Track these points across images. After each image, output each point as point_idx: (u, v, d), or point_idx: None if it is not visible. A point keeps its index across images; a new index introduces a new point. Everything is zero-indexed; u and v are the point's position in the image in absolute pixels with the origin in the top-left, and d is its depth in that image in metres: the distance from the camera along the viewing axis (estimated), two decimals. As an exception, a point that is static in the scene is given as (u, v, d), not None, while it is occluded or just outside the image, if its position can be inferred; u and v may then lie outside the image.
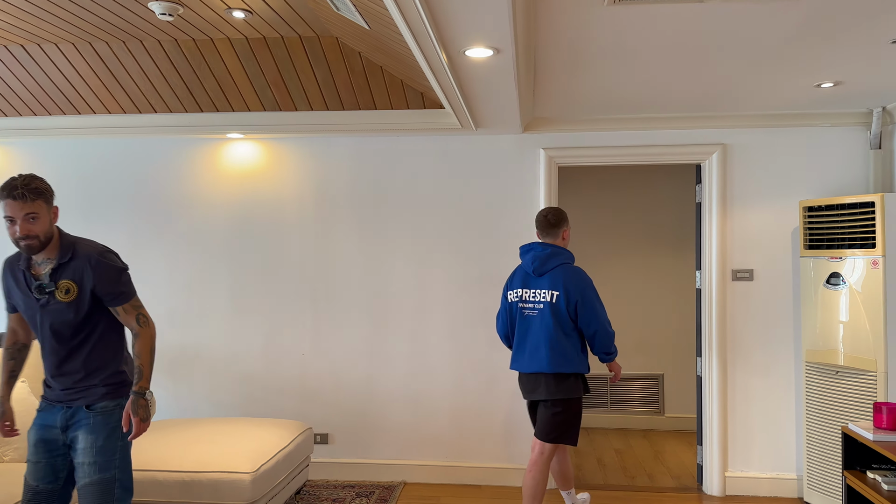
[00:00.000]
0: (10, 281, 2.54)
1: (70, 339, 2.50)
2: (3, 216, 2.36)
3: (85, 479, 2.47)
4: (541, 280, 3.49)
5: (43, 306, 2.46)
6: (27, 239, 2.37)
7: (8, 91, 4.30)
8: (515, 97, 3.44)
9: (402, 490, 4.40)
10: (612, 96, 3.91)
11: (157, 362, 4.75)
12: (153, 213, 4.73)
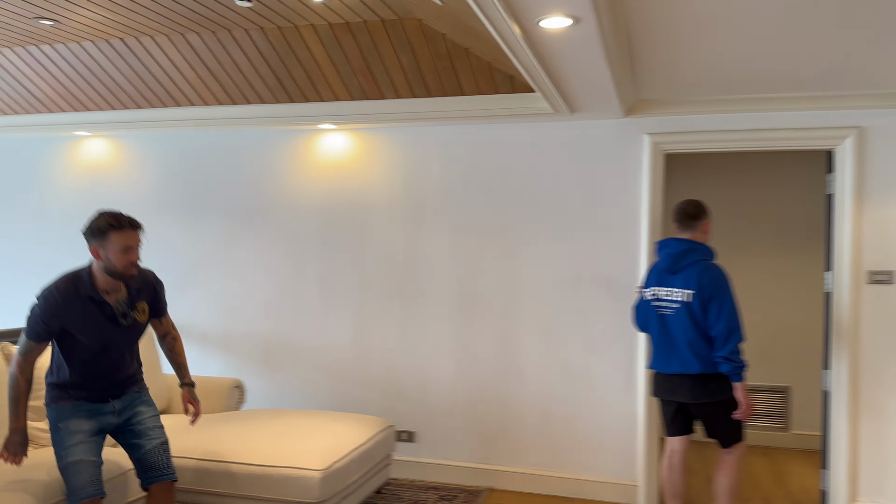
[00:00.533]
0: (75, 311, 2.66)
1: (134, 347, 2.91)
2: (120, 246, 2.64)
3: (160, 438, 2.90)
4: (675, 278, 3.33)
5: (124, 328, 2.78)
6: (136, 266, 2.72)
7: (113, 85, 4.46)
8: (608, 75, 3.12)
9: (486, 496, 4.18)
10: (725, 74, 3.48)
11: (251, 350, 4.80)
12: (249, 204, 4.78)
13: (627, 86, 3.65)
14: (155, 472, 2.86)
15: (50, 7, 3.55)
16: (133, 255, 2.68)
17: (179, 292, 4.93)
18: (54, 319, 2.65)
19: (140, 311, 2.84)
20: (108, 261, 2.66)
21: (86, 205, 5.13)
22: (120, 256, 2.65)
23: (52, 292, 2.65)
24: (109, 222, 2.64)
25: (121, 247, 2.64)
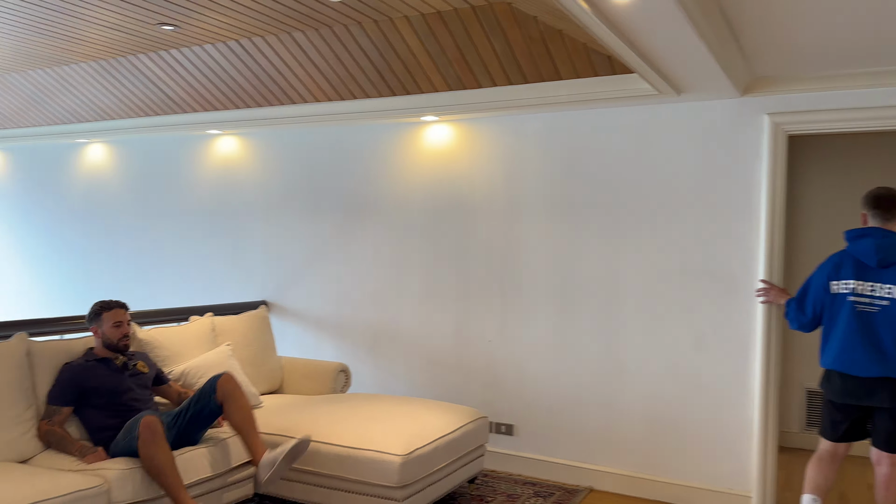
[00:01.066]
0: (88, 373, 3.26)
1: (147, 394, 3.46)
2: (111, 322, 3.35)
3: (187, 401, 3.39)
4: (884, 273, 3.08)
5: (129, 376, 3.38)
6: (127, 338, 3.40)
7: (235, 85, 4.77)
8: (702, 48, 2.88)
9: (585, 496, 4.03)
10: (853, 43, 3.10)
11: (360, 337, 4.95)
12: (359, 197, 4.93)
13: (736, 61, 3.36)
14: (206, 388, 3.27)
15: (170, 13, 3.86)
16: (123, 329, 3.37)
17: (297, 280, 5.18)
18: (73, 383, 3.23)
19: (140, 365, 3.46)
20: (104, 335, 3.36)
21: (220, 197, 5.53)
22: (113, 330, 3.36)
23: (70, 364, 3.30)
24: (101, 306, 3.39)
25: (112, 323, 3.36)
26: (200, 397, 3.29)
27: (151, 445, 2.92)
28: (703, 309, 3.93)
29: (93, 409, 3.25)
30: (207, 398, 3.27)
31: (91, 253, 6.25)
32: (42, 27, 4.20)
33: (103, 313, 3.38)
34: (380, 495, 3.29)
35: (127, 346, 3.41)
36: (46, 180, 6.56)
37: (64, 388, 3.21)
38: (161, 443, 2.94)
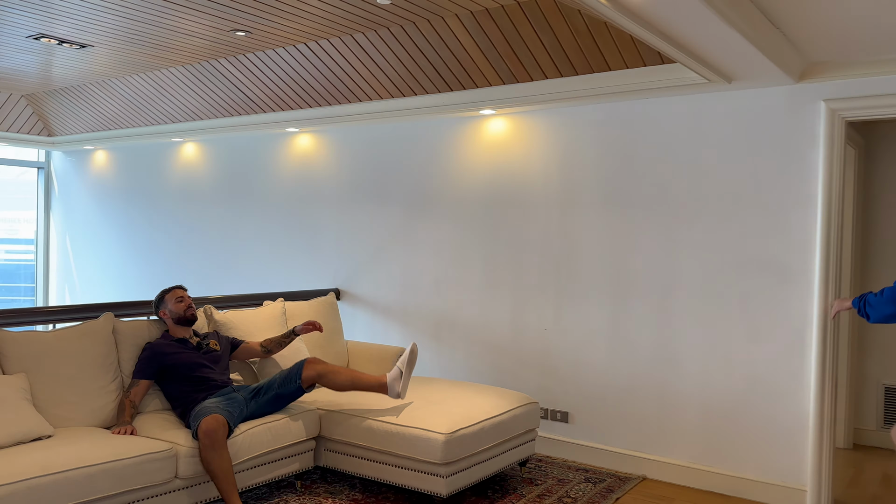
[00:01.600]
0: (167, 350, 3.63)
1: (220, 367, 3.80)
2: (174, 299, 3.76)
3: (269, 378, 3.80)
4: None
5: (203, 353, 3.73)
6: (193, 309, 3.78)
7: (306, 85, 5.06)
8: (736, 36, 2.87)
9: (637, 485, 4.06)
10: None
11: (424, 324, 5.15)
12: (423, 189, 5.12)
13: (783, 48, 3.31)
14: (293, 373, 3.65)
15: (242, 20, 4.17)
16: (185, 302, 3.75)
17: (367, 270, 5.45)
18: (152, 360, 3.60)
19: (213, 343, 3.81)
20: (172, 313, 3.73)
21: (297, 191, 5.88)
22: (177, 306, 3.72)
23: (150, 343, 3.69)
24: (162, 291, 3.82)
25: (174, 300, 3.74)
26: (286, 380, 3.64)
27: (210, 451, 3.18)
28: (758, 301, 3.87)
29: (172, 382, 3.60)
30: (293, 382, 3.63)
31: (184, 242, 6.77)
32: (137, 38, 4.63)
33: (165, 296, 3.79)
34: (425, 471, 3.47)
35: (193, 315, 3.75)
36: (146, 176, 7.14)
37: (144, 364, 3.58)
38: (219, 449, 3.19)
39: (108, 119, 6.75)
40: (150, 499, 3.11)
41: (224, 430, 3.23)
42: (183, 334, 3.76)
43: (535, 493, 3.87)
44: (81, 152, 7.84)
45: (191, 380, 3.59)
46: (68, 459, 2.86)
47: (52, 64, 5.49)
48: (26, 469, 2.74)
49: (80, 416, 3.40)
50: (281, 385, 3.66)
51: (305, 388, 3.67)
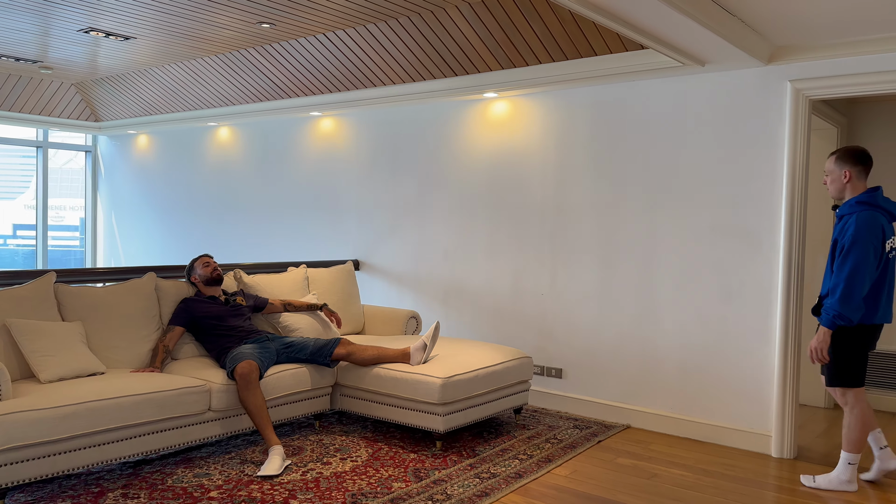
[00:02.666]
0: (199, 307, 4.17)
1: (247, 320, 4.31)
2: (201, 263, 4.30)
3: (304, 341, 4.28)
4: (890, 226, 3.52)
5: (231, 307, 4.25)
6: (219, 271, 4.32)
7: (327, 72, 5.55)
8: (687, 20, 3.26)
9: (620, 431, 4.49)
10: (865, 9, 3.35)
11: (434, 291, 5.63)
12: (433, 167, 5.58)
13: (745, 34, 3.67)
14: (326, 348, 4.14)
15: (268, 13, 4.66)
16: (211, 265, 4.28)
17: (383, 241, 5.93)
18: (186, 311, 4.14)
19: (239, 300, 4.33)
20: (201, 276, 4.26)
21: (321, 170, 6.38)
22: (204, 269, 4.26)
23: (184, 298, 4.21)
24: (191, 260, 4.36)
25: (202, 265, 4.28)
26: (318, 352, 4.18)
27: (245, 391, 3.70)
28: (730, 265, 4.25)
29: (205, 333, 4.14)
30: (324, 356, 4.17)
31: (219, 218, 7.34)
32: (175, 30, 5.15)
33: (194, 263, 4.35)
34: (425, 411, 3.95)
35: (219, 275, 4.29)
36: (184, 158, 7.72)
37: (178, 314, 4.13)
38: (253, 389, 3.69)
39: (150, 105, 7.33)
40: (188, 427, 3.65)
41: (256, 373, 3.74)
42: (213, 293, 4.29)
43: (525, 435, 4.33)
44: (125, 136, 8.46)
45: (220, 329, 4.12)
46: (119, 389, 3.40)
47: (99, 55, 6.06)
48: (87, 394, 3.29)
49: (127, 360, 3.95)
50: (313, 354, 4.16)
51: (332, 364, 4.18)
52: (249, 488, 3.38)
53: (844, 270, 3.36)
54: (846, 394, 3.51)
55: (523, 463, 3.83)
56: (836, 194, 3.58)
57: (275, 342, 4.19)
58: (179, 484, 3.42)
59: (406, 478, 3.56)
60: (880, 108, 5.22)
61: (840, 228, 3.47)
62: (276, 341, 4.20)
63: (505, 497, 3.37)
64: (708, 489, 3.54)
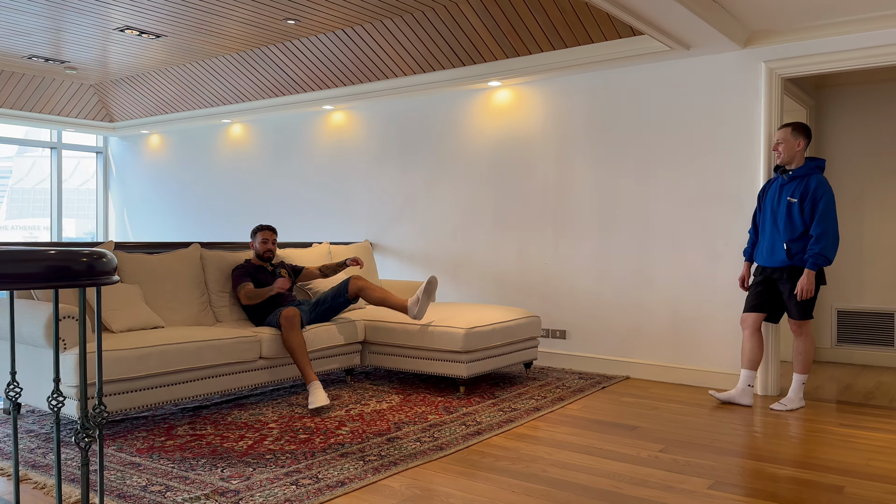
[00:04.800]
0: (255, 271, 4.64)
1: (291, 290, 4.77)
2: (261, 239, 4.72)
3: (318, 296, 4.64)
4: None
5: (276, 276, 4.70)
6: (272, 253, 4.76)
7: (341, 65, 6.03)
8: (681, 7, 3.79)
9: (621, 381, 4.98)
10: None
11: (444, 265, 6.10)
12: (441, 152, 6.07)
13: (725, 19, 4.22)
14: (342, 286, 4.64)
15: (293, 10, 5.14)
16: (268, 245, 4.70)
17: (394, 224, 6.40)
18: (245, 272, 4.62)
19: (283, 273, 4.76)
20: (256, 248, 4.72)
21: (334, 159, 6.84)
22: (261, 245, 4.70)
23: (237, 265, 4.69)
24: (256, 227, 4.76)
25: (261, 240, 4.71)
26: (337, 294, 4.62)
27: (289, 332, 4.17)
28: (716, 226, 4.78)
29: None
30: (342, 295, 4.61)
31: (233, 211, 7.76)
32: (203, 27, 5.61)
33: (258, 233, 4.77)
34: (450, 360, 4.42)
35: (270, 257, 4.76)
36: (197, 156, 8.14)
37: (242, 275, 4.60)
38: (296, 330, 4.18)
39: (165, 103, 7.75)
40: (242, 373, 4.08)
41: (298, 318, 4.21)
42: (261, 264, 4.74)
43: (537, 384, 4.80)
44: (137, 137, 8.85)
45: (265, 299, 4.56)
46: (183, 336, 3.83)
47: (125, 54, 6.48)
48: (156, 340, 3.72)
49: (180, 319, 4.38)
50: (333, 298, 4.63)
51: (352, 299, 4.64)
52: (303, 421, 3.82)
53: (828, 220, 3.98)
54: (806, 325, 4.15)
55: (539, 402, 4.30)
56: (788, 159, 4.17)
57: (305, 304, 4.64)
58: (238, 420, 3.85)
59: (438, 412, 4.02)
60: (845, 93, 5.81)
61: (801, 186, 4.10)
62: (306, 304, 4.65)
63: (528, 423, 3.84)
64: (704, 416, 4.04)
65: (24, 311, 3.58)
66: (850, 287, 5.80)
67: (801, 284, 4.04)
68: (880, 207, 5.70)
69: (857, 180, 5.77)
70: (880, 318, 5.65)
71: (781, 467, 3.15)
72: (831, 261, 4.02)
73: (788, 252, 4.11)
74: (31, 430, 3.68)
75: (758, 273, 4.31)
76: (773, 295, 4.26)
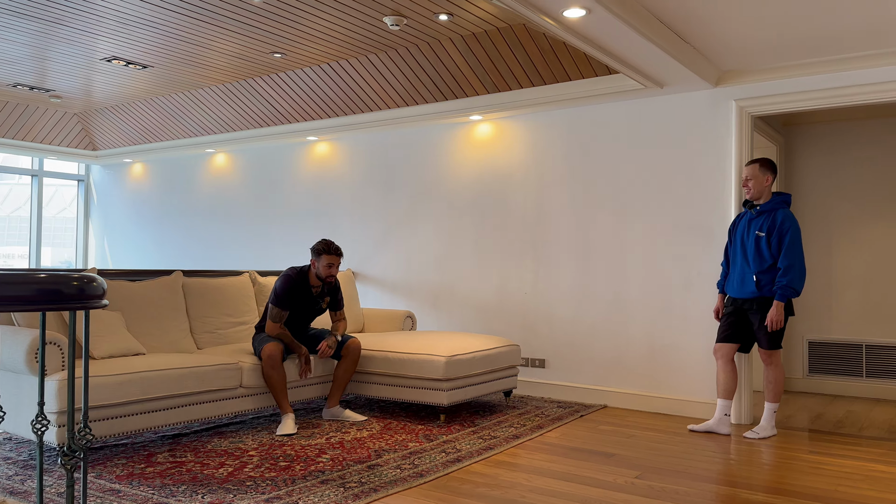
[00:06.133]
0: (298, 291, 4.46)
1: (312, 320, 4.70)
2: (326, 263, 4.40)
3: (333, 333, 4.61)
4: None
5: (315, 308, 4.58)
6: (332, 278, 4.48)
7: (326, 97, 6.15)
8: (656, 50, 3.95)
9: (599, 410, 5.05)
10: (792, 36, 4.09)
11: (425, 295, 6.17)
12: (423, 183, 6.18)
13: (697, 59, 4.40)
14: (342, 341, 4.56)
15: (280, 44, 5.26)
16: (333, 270, 4.42)
17: (376, 252, 6.47)
18: (291, 297, 4.38)
19: (325, 302, 4.61)
20: (318, 270, 4.44)
21: (317, 190, 6.92)
22: (325, 269, 4.41)
23: (290, 276, 4.42)
24: (324, 247, 4.41)
25: (326, 263, 4.41)
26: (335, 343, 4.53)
27: (268, 369, 4.19)
28: (689, 257, 4.91)
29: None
30: (337, 346, 4.54)
31: (214, 240, 7.79)
32: (190, 58, 5.71)
33: (323, 254, 4.42)
34: (431, 388, 4.47)
35: (331, 283, 4.54)
36: (180, 185, 8.18)
37: (286, 296, 4.39)
38: (277, 367, 4.19)
39: (149, 132, 7.81)
40: (223, 400, 4.10)
41: (280, 355, 4.22)
42: (316, 283, 4.53)
43: (516, 412, 4.86)
44: (120, 165, 8.89)
45: (296, 316, 4.51)
46: (165, 363, 3.85)
47: (110, 83, 6.55)
48: (138, 366, 3.73)
49: (162, 345, 4.40)
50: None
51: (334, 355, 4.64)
52: (283, 448, 3.84)
53: (795, 253, 4.13)
54: (776, 355, 4.28)
55: (518, 429, 4.35)
56: (758, 194, 4.32)
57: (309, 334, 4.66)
58: (219, 448, 3.86)
59: (419, 440, 4.06)
60: (813, 131, 6.03)
61: (769, 220, 4.25)
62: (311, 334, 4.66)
63: (507, 450, 3.89)
64: (679, 443, 4.12)
65: (4, 336, 3.59)
66: (821, 318, 5.95)
67: (770, 316, 4.16)
68: (848, 240, 5.88)
69: (825, 214, 5.96)
70: (850, 348, 5.80)
71: (754, 493, 3.23)
72: (799, 292, 4.15)
73: (758, 283, 4.24)
74: (9, 457, 3.66)
75: (729, 304, 4.43)
76: (744, 325, 4.38)
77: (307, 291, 4.49)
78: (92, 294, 2.12)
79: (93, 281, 2.13)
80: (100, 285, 2.16)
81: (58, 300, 1.99)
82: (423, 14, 4.56)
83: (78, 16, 4.77)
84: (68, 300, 2.02)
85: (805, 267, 4.21)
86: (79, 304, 2.07)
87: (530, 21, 3.53)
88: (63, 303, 2.00)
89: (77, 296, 2.05)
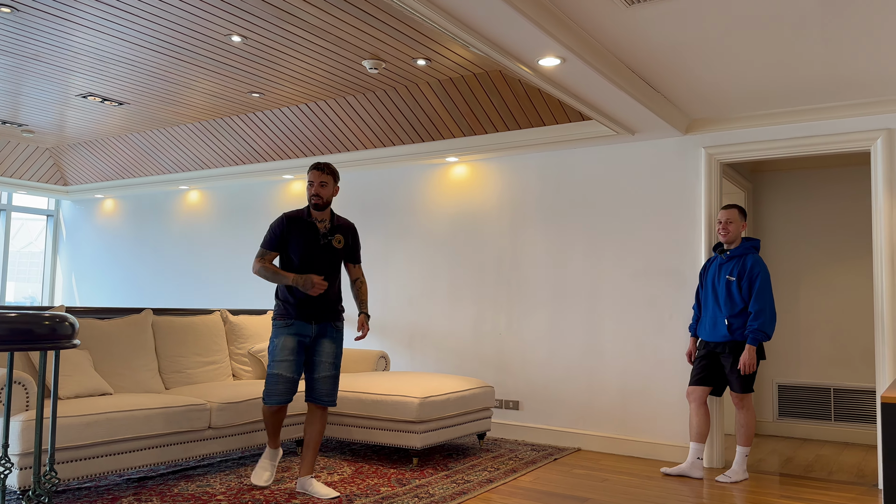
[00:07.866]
0: (294, 229, 3.74)
1: (334, 274, 3.82)
2: (308, 181, 3.72)
3: (329, 373, 3.79)
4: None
5: (323, 247, 3.77)
6: (317, 197, 3.72)
7: (304, 137, 6.18)
8: (628, 98, 4.06)
9: (572, 453, 5.03)
10: (757, 88, 4.23)
11: (400, 335, 6.14)
12: (400, 222, 6.21)
13: (667, 108, 4.52)
14: (315, 395, 3.76)
15: (258, 84, 5.29)
16: (313, 188, 3.70)
17: (350, 293, 6.44)
18: (281, 235, 3.73)
19: (336, 240, 3.79)
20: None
21: (288, 229, 6.89)
22: (308, 190, 3.74)
23: (282, 215, 3.80)
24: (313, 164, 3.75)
25: (308, 182, 3.74)
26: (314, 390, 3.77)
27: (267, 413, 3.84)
28: (662, 301, 4.98)
29: (289, 256, 3.78)
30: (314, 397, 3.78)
31: (185, 278, 7.70)
32: (167, 97, 5.71)
33: (308, 172, 3.78)
34: (404, 430, 4.42)
35: (317, 204, 3.73)
36: (151, 221, 8.10)
37: (272, 237, 3.76)
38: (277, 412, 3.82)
39: (122, 168, 7.76)
40: (190, 442, 4.00)
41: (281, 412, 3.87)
42: (317, 217, 3.81)
43: (490, 456, 4.82)
44: (91, 201, 8.78)
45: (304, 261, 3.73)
46: (131, 404, 3.77)
47: (84, 119, 6.52)
48: (104, 407, 3.65)
49: (129, 385, 4.30)
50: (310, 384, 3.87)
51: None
52: (251, 493, 3.75)
53: (765, 297, 4.19)
54: (748, 398, 4.31)
55: (492, 473, 4.32)
56: (734, 238, 4.41)
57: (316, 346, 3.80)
58: (185, 492, 3.76)
59: (391, 484, 4.00)
60: (780, 177, 6.20)
61: (739, 265, 4.34)
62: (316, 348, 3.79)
63: (480, 495, 3.85)
64: (653, 488, 4.11)
65: (-33, 375, 3.49)
66: (790, 362, 6.04)
67: (743, 359, 4.21)
68: (815, 285, 6.01)
69: (793, 259, 6.09)
70: (819, 392, 5.88)
71: (727, 538, 3.22)
72: (770, 336, 4.22)
73: (730, 327, 4.30)
74: (-35, 501, 3.52)
75: (701, 347, 4.48)
76: (716, 368, 4.42)
77: (310, 227, 3.75)
78: (63, 334, 2.09)
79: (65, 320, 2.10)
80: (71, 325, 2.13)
81: (29, 340, 1.95)
82: (402, 59, 4.64)
83: (55, 52, 4.77)
84: (40, 340, 1.98)
85: (775, 311, 4.29)
86: (50, 343, 2.04)
87: (506, 68, 3.61)
88: (35, 343, 1.96)
89: (48, 336, 2.01)
